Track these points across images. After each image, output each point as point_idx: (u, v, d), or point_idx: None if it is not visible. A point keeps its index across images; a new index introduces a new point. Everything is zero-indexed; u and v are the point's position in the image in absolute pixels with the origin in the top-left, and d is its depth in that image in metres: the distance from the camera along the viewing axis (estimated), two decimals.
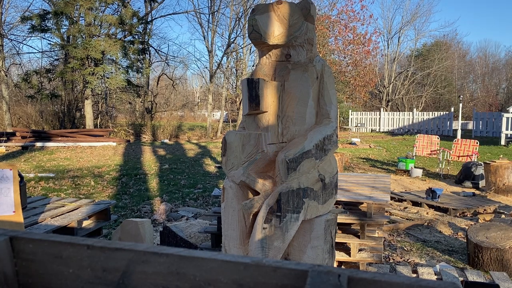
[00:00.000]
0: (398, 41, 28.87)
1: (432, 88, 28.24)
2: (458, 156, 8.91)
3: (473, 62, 34.74)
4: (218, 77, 25.06)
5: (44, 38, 22.68)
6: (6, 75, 17.27)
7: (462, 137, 12.59)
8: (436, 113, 20.98)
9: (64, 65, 17.34)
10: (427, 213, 5.61)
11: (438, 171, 8.89)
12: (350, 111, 22.82)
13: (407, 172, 8.64)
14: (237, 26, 20.30)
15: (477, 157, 8.66)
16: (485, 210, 5.68)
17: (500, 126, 15.66)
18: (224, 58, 21.24)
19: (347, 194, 3.67)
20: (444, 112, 20.92)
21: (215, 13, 20.47)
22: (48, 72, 17.40)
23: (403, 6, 48.56)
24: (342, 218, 3.45)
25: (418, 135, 10.23)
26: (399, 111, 24.17)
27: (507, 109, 17.46)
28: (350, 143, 14.56)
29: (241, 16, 20.00)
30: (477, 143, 8.81)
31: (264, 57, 2.19)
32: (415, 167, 8.79)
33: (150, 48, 20.65)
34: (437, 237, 4.59)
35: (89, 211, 3.49)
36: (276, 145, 2.07)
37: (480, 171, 7.42)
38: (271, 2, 2.09)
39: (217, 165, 9.61)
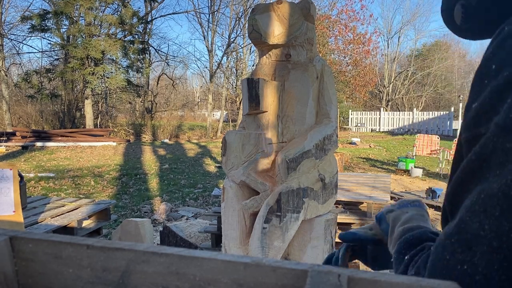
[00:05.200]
0: (398, 41, 28.89)
1: (432, 88, 28.24)
2: None
3: (473, 62, 34.73)
4: (218, 77, 25.07)
5: (44, 38, 22.63)
6: (6, 75, 17.27)
7: None
8: (436, 113, 20.97)
9: (64, 65, 17.35)
10: None
11: (438, 171, 8.89)
12: (350, 111, 22.82)
13: (407, 172, 8.64)
14: (237, 26, 20.32)
15: None
16: None
17: None
18: (224, 58, 21.26)
19: (347, 194, 3.67)
20: (444, 112, 20.91)
21: (215, 12, 20.47)
22: (48, 72, 17.40)
23: (403, 6, 48.51)
24: (342, 218, 3.45)
25: (418, 135, 10.22)
26: (399, 111, 24.16)
27: None
28: (350, 143, 14.56)
29: (241, 16, 20.01)
30: None
31: (264, 57, 2.18)
32: (415, 167, 8.79)
33: (150, 48, 20.66)
34: None
35: (89, 211, 3.49)
36: (276, 145, 2.07)
37: None
38: (271, 2, 2.09)
39: (217, 165, 9.62)
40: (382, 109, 24.28)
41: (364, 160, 10.75)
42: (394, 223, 0.65)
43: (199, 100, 34.07)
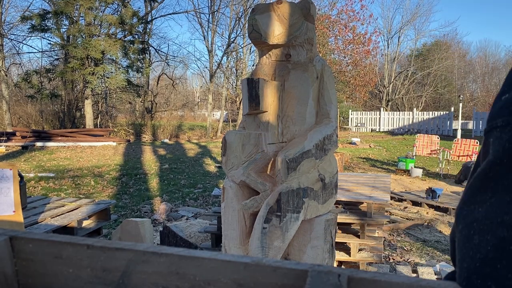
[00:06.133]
0: (398, 40, 28.86)
1: (432, 88, 28.24)
2: (458, 156, 8.91)
3: (473, 62, 34.73)
4: (218, 77, 25.07)
5: (44, 38, 22.65)
6: (6, 75, 17.26)
7: (462, 136, 12.58)
8: (436, 113, 20.97)
9: (64, 65, 17.34)
10: (427, 213, 5.61)
11: (438, 171, 8.88)
12: (350, 111, 22.82)
13: (407, 172, 8.64)
14: (237, 25, 20.31)
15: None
16: None
17: None
18: (224, 58, 21.25)
19: (347, 194, 3.67)
20: (444, 112, 20.90)
21: (215, 12, 20.47)
22: (48, 72, 17.40)
23: (403, 5, 48.41)
24: (342, 218, 3.45)
25: (418, 134, 10.22)
26: (399, 111, 24.14)
27: None
28: (350, 143, 14.56)
29: (241, 16, 20.00)
30: (477, 142, 8.81)
31: (264, 57, 2.18)
32: (415, 167, 8.79)
33: (150, 48, 20.66)
34: (437, 237, 4.59)
35: (89, 211, 3.49)
36: (276, 145, 2.07)
37: None
38: (271, 1, 2.09)
39: (217, 165, 9.62)
40: (382, 109, 24.27)
41: (364, 160, 10.74)
42: None
43: (199, 100, 34.07)
